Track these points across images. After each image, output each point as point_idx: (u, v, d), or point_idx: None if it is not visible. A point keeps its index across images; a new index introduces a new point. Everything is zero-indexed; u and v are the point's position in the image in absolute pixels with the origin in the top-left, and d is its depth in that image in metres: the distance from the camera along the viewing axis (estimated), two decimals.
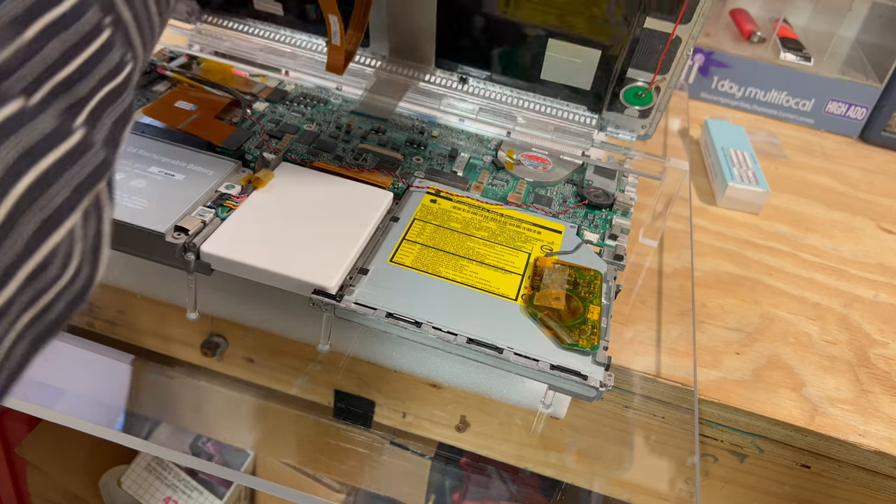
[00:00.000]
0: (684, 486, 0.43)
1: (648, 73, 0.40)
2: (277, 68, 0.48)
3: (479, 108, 0.46)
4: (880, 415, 0.39)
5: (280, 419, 0.55)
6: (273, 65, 0.48)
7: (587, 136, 0.45)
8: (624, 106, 0.42)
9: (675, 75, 0.39)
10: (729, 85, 0.68)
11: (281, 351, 0.47)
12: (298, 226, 0.35)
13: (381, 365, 0.38)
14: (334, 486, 0.71)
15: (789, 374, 0.40)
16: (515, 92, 0.46)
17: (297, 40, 0.48)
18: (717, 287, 0.45)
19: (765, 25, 0.72)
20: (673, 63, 0.38)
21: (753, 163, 0.55)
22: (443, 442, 0.49)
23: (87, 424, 0.42)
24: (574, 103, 0.45)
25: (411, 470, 0.56)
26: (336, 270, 0.32)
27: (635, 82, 0.40)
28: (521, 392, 0.36)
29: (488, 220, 0.39)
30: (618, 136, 0.44)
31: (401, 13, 0.42)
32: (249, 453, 0.70)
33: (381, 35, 0.45)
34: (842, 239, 0.52)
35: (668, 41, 0.37)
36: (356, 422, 0.53)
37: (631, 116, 0.43)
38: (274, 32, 0.48)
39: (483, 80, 0.46)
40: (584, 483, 0.49)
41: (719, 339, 0.42)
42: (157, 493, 0.68)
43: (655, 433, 0.42)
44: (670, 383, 0.39)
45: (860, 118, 0.67)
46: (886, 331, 0.44)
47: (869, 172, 0.62)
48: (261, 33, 0.48)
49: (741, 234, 0.51)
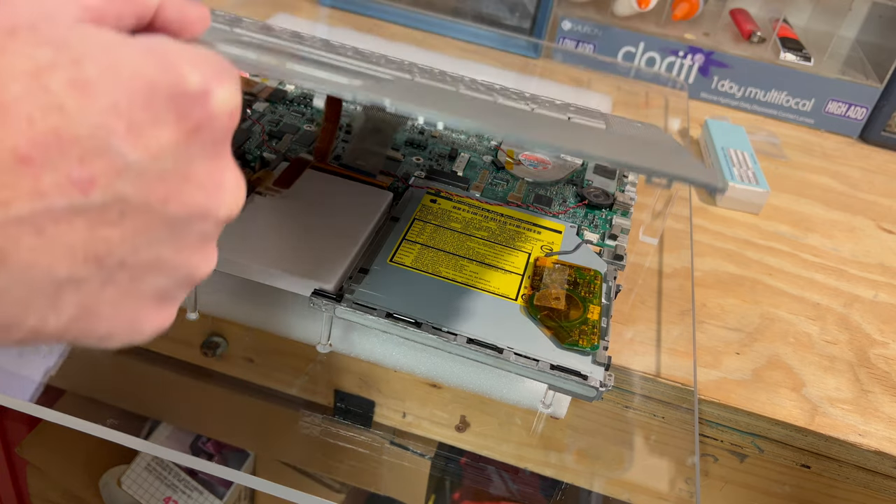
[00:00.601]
0: (684, 486, 0.43)
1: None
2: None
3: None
4: (880, 415, 0.39)
5: (280, 419, 0.55)
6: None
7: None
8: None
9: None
10: (729, 85, 0.68)
11: (281, 351, 0.47)
12: (298, 225, 0.35)
13: (381, 365, 0.38)
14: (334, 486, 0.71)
15: (789, 374, 0.40)
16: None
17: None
18: (717, 287, 0.45)
19: (765, 25, 0.72)
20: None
21: (753, 163, 0.55)
22: (443, 442, 0.49)
23: (87, 424, 0.42)
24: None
25: (411, 470, 0.56)
26: (335, 270, 0.32)
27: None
28: (521, 392, 0.36)
29: (488, 220, 0.39)
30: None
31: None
32: (249, 453, 0.70)
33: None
34: (842, 239, 0.52)
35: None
36: (356, 422, 0.53)
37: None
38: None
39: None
40: (584, 483, 0.49)
41: (719, 339, 0.42)
42: (157, 493, 0.68)
43: (655, 433, 0.42)
44: (670, 383, 0.39)
45: (860, 118, 0.67)
46: (886, 331, 0.44)
47: (869, 172, 0.62)
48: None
49: (741, 234, 0.51)
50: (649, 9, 0.67)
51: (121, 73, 0.16)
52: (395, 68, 0.35)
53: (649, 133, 0.35)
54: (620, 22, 0.68)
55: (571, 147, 0.24)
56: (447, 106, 0.28)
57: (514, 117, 0.30)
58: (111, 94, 0.16)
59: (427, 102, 0.27)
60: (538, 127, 0.30)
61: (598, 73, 0.68)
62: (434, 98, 0.29)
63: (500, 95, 0.38)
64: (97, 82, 0.16)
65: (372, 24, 0.69)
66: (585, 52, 0.69)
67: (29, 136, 0.15)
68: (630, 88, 0.66)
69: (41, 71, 0.15)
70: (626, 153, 0.26)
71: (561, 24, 0.68)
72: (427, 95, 0.29)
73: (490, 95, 0.37)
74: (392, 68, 0.34)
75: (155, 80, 0.17)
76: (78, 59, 0.16)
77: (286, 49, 0.33)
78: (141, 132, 0.17)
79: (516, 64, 0.67)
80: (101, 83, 0.16)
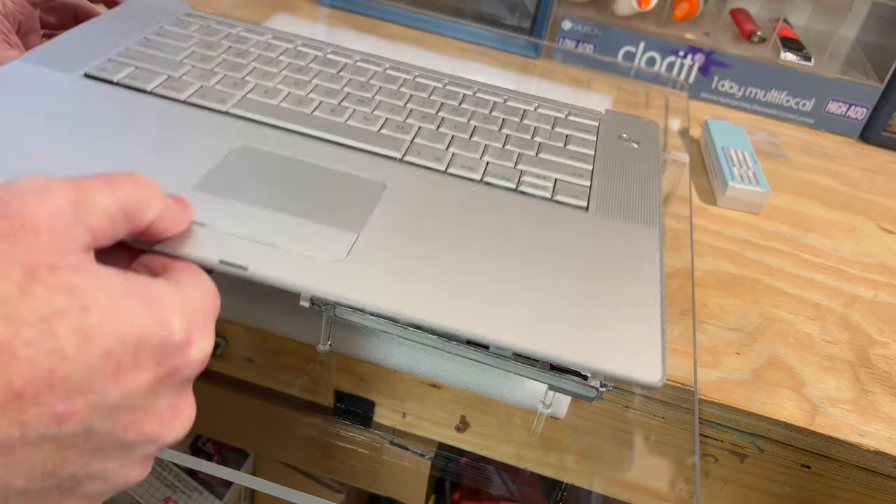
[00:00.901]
0: (684, 486, 0.43)
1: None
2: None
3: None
4: (880, 415, 0.39)
5: (280, 419, 0.55)
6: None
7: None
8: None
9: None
10: (729, 85, 0.68)
11: (281, 351, 0.47)
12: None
13: (381, 365, 0.38)
14: (334, 486, 0.71)
15: (789, 374, 0.40)
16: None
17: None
18: (717, 287, 0.45)
19: (765, 25, 0.72)
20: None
21: (753, 163, 0.55)
22: (443, 442, 0.49)
23: None
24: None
25: (411, 470, 0.56)
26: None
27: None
28: (521, 392, 0.36)
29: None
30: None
31: None
32: (249, 453, 0.70)
33: None
34: (842, 239, 0.52)
35: None
36: (356, 422, 0.53)
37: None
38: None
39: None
40: (584, 483, 0.49)
41: (719, 339, 0.42)
42: (157, 493, 0.68)
43: (655, 433, 0.42)
44: (670, 383, 0.39)
45: (860, 118, 0.67)
46: (886, 331, 0.44)
47: (869, 172, 0.62)
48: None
49: (741, 234, 0.51)
50: (649, 9, 0.67)
51: (119, 322, 0.19)
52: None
53: (621, 245, 0.33)
54: (620, 22, 0.68)
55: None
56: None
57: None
58: (108, 341, 0.19)
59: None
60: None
61: (598, 72, 0.68)
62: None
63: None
64: (98, 330, 0.19)
65: (372, 24, 0.69)
66: (585, 51, 0.69)
67: (28, 374, 0.17)
68: (630, 88, 0.66)
69: (53, 317, 0.18)
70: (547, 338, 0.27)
71: (561, 23, 0.68)
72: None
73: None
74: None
75: (146, 331, 0.20)
76: (86, 307, 0.19)
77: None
78: (124, 374, 0.19)
79: (516, 64, 0.67)
80: (101, 331, 0.19)
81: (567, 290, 0.30)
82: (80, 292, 0.19)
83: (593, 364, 0.27)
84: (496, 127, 0.41)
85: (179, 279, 0.23)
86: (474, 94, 0.44)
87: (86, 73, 0.37)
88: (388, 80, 0.43)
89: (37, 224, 0.19)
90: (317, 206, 0.31)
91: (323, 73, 0.42)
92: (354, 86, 0.42)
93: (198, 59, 0.41)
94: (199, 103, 0.37)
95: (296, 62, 0.43)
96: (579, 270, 0.31)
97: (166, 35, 0.42)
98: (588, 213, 0.35)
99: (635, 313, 0.29)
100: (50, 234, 0.20)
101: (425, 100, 0.42)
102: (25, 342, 0.17)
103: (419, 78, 0.44)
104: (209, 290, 0.23)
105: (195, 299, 0.22)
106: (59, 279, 0.19)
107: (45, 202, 0.20)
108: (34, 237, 0.19)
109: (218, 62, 0.41)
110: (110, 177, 0.22)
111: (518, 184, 0.36)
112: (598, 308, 0.29)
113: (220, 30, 0.44)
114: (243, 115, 0.37)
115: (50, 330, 0.18)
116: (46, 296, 0.18)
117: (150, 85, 0.37)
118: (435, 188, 0.35)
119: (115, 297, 0.19)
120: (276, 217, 0.30)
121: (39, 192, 0.20)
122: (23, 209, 0.19)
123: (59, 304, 0.18)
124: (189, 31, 0.43)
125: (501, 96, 0.44)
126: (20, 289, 0.18)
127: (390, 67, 0.44)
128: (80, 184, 0.21)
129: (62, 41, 0.40)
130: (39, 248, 0.19)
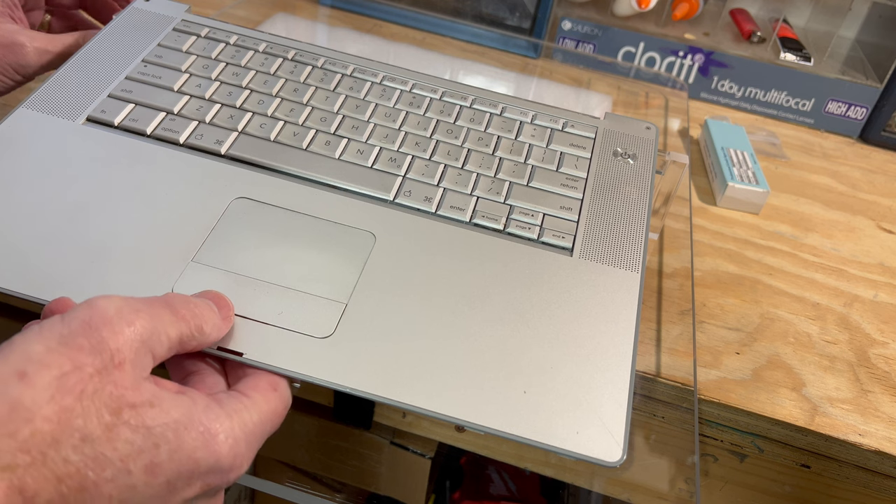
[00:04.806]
0: (684, 486, 0.43)
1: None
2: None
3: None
4: (880, 415, 0.39)
5: None
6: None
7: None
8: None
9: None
10: (729, 85, 0.68)
11: None
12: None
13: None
14: (334, 485, 0.71)
15: (789, 374, 0.40)
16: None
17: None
18: (717, 287, 0.45)
19: (765, 25, 0.72)
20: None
21: (753, 163, 0.55)
22: (443, 442, 0.49)
23: None
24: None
25: (411, 470, 0.56)
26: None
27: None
28: None
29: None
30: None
31: None
32: None
33: None
34: (842, 239, 0.52)
35: None
36: (356, 422, 0.53)
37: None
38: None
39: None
40: (584, 483, 0.49)
41: (719, 339, 0.42)
42: None
43: (655, 433, 0.42)
44: (670, 383, 0.39)
45: (860, 118, 0.67)
46: (886, 331, 0.44)
47: (869, 172, 0.62)
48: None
49: (741, 234, 0.51)
50: (649, 9, 0.67)
51: (181, 457, 0.23)
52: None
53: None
54: (620, 22, 0.68)
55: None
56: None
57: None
58: (171, 473, 0.22)
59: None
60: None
61: (598, 73, 0.68)
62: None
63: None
64: (164, 464, 0.22)
65: (372, 24, 0.69)
66: (585, 52, 0.69)
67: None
68: (630, 88, 0.66)
69: (131, 457, 0.22)
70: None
71: (561, 24, 0.68)
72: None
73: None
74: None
75: (201, 462, 0.23)
76: (157, 444, 0.22)
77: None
78: (176, 493, 0.23)
79: (516, 64, 0.67)
80: (167, 465, 0.22)
81: (539, 363, 0.31)
82: (153, 432, 0.22)
83: (556, 444, 0.29)
84: (489, 150, 0.41)
85: (251, 395, 0.26)
86: (471, 106, 0.44)
87: (88, 117, 0.38)
88: (384, 96, 0.43)
89: (122, 359, 0.22)
90: (309, 271, 0.33)
91: (319, 91, 0.43)
92: (350, 107, 0.42)
93: (195, 87, 0.41)
94: (196, 145, 0.38)
95: (293, 79, 0.43)
96: (553, 339, 0.32)
97: (163, 56, 0.43)
98: (572, 257, 0.36)
99: (603, 390, 0.31)
100: (131, 367, 0.23)
101: (420, 118, 0.42)
102: (107, 479, 0.21)
103: (415, 89, 0.44)
104: (273, 413, 0.26)
105: (252, 427, 0.25)
106: (138, 420, 0.22)
107: (128, 335, 0.23)
108: (119, 372, 0.22)
109: (215, 89, 0.41)
110: (177, 308, 0.26)
111: (506, 224, 0.37)
112: (567, 385, 0.31)
113: (217, 42, 0.44)
114: (240, 156, 0.38)
115: (127, 468, 0.22)
116: (127, 436, 0.22)
117: (150, 127, 0.38)
118: (423, 236, 0.36)
119: (178, 430, 0.23)
120: (270, 291, 0.32)
121: (123, 320, 0.23)
122: (110, 341, 0.22)
123: (136, 445, 0.22)
124: (186, 47, 0.43)
125: (498, 106, 0.44)
126: (108, 430, 0.21)
127: (386, 78, 0.44)
128: (154, 313, 0.24)
129: (64, 75, 0.40)
130: (123, 383, 0.22)
